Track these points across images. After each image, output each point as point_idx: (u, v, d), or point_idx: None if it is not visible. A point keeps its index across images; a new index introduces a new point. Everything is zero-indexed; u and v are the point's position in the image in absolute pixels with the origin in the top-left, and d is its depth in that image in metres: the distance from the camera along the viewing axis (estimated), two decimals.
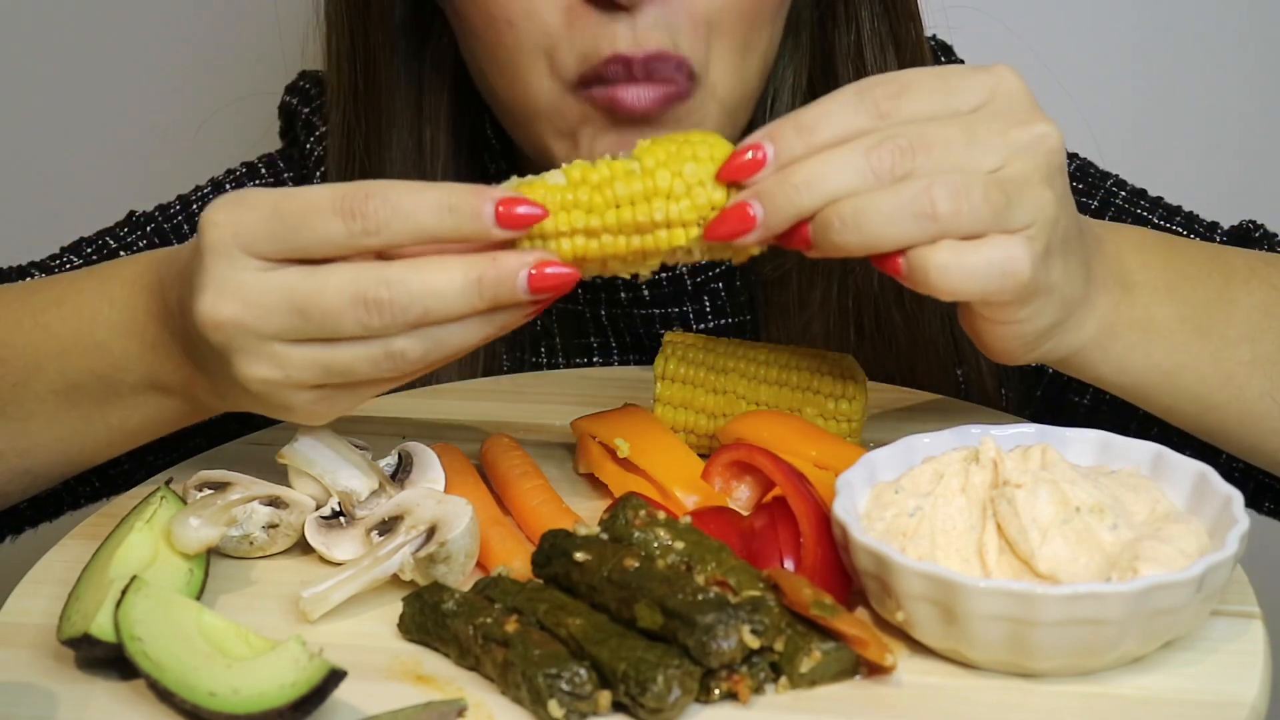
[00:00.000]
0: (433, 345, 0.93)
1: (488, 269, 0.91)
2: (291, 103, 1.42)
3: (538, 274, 0.92)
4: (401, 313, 0.91)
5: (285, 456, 1.03)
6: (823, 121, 0.92)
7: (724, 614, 0.84)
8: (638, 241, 0.93)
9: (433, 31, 1.27)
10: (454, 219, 0.91)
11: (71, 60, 1.93)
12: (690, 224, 0.93)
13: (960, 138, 0.91)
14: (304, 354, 0.94)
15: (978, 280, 0.90)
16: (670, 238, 0.93)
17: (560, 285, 0.92)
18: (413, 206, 0.91)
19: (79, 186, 1.94)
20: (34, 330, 1.08)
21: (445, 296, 0.91)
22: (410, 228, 0.91)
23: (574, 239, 0.93)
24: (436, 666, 0.90)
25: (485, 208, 0.91)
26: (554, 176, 0.94)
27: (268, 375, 0.95)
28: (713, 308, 1.33)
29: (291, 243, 0.92)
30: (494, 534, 1.00)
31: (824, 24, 1.27)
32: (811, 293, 1.28)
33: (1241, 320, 1.04)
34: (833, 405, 1.09)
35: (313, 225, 0.92)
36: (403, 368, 0.94)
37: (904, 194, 0.89)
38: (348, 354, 0.93)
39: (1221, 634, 0.89)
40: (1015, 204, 0.91)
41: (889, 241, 0.90)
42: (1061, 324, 0.97)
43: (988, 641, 0.85)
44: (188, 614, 0.89)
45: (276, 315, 0.92)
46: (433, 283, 0.91)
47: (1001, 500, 0.90)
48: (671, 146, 0.94)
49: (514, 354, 1.34)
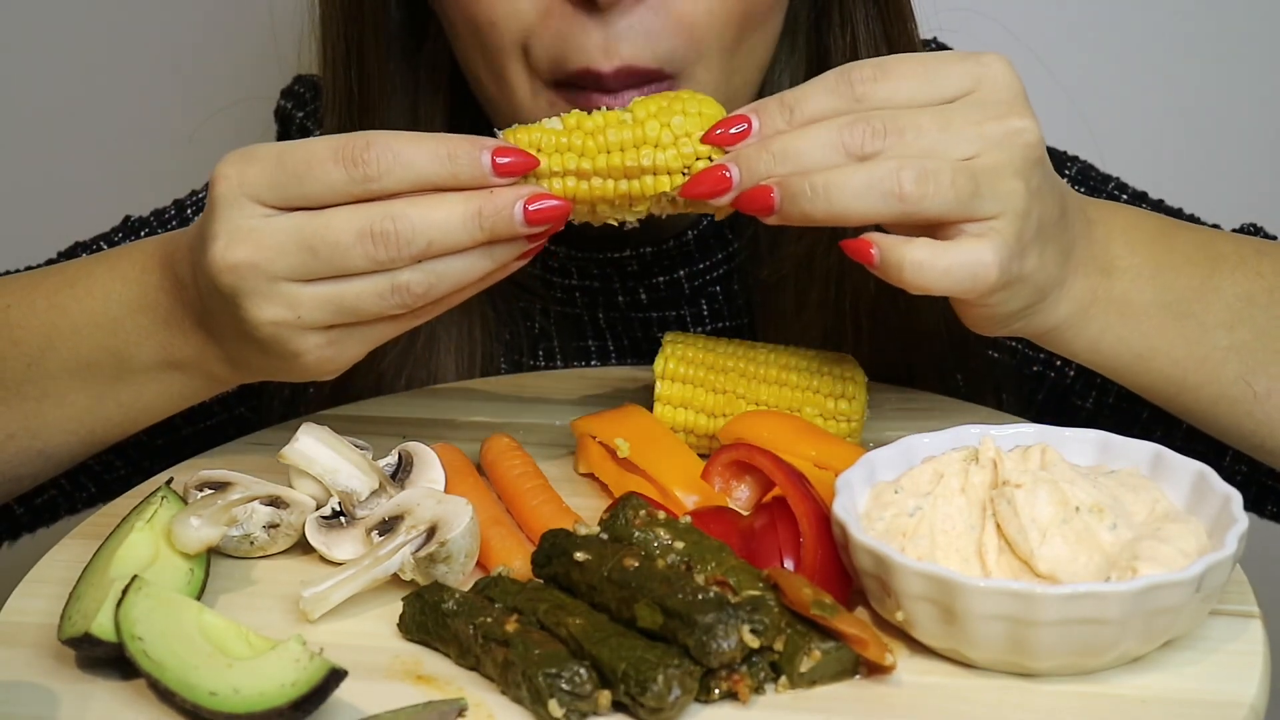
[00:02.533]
0: (436, 279, 0.98)
1: (485, 201, 0.96)
2: (286, 107, 1.42)
3: (533, 205, 0.97)
4: (407, 244, 0.96)
5: (285, 456, 1.03)
6: (803, 100, 0.98)
7: (724, 614, 0.84)
8: (625, 186, 1.00)
9: (427, 35, 1.27)
10: (452, 165, 0.96)
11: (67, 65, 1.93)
12: (675, 172, 0.99)
13: (934, 124, 0.95)
14: (314, 292, 0.97)
15: (948, 279, 0.95)
16: (655, 184, 0.99)
17: (553, 217, 0.98)
18: (412, 154, 0.96)
19: (75, 191, 1.94)
20: (48, 310, 1.10)
21: (447, 228, 0.96)
22: (410, 174, 0.96)
23: (565, 180, 0.99)
24: (436, 666, 0.90)
25: (483, 155, 0.96)
26: (552, 122, 1.01)
27: (278, 316, 0.98)
28: (710, 311, 1.33)
29: (295, 190, 0.97)
30: (494, 534, 1.00)
31: (819, 27, 1.27)
32: (809, 295, 1.28)
33: (1222, 307, 1.05)
34: (833, 405, 1.09)
35: (315, 173, 0.97)
36: (408, 302, 0.98)
37: (875, 171, 0.94)
38: (355, 288, 0.97)
39: (1221, 634, 0.89)
40: (984, 193, 0.94)
41: (855, 214, 0.95)
42: (1034, 305, 1.00)
43: (987, 641, 0.85)
44: (188, 613, 0.89)
45: (287, 254, 0.97)
46: (434, 215, 0.96)
47: (1001, 500, 0.90)
48: (663, 101, 1.01)
49: (512, 357, 1.34)
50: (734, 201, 0.98)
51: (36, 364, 1.10)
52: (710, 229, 1.31)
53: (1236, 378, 1.06)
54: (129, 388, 1.09)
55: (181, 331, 1.06)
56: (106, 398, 1.10)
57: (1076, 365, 1.30)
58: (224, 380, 1.09)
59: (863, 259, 0.96)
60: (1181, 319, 1.05)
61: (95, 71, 1.92)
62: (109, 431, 1.13)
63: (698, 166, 0.99)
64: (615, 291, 1.32)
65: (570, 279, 1.32)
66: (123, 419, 1.11)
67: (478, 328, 1.30)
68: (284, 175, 0.97)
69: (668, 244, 1.30)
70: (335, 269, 0.96)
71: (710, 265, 1.32)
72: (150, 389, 1.09)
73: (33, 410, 1.11)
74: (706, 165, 0.98)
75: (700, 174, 0.98)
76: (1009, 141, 0.95)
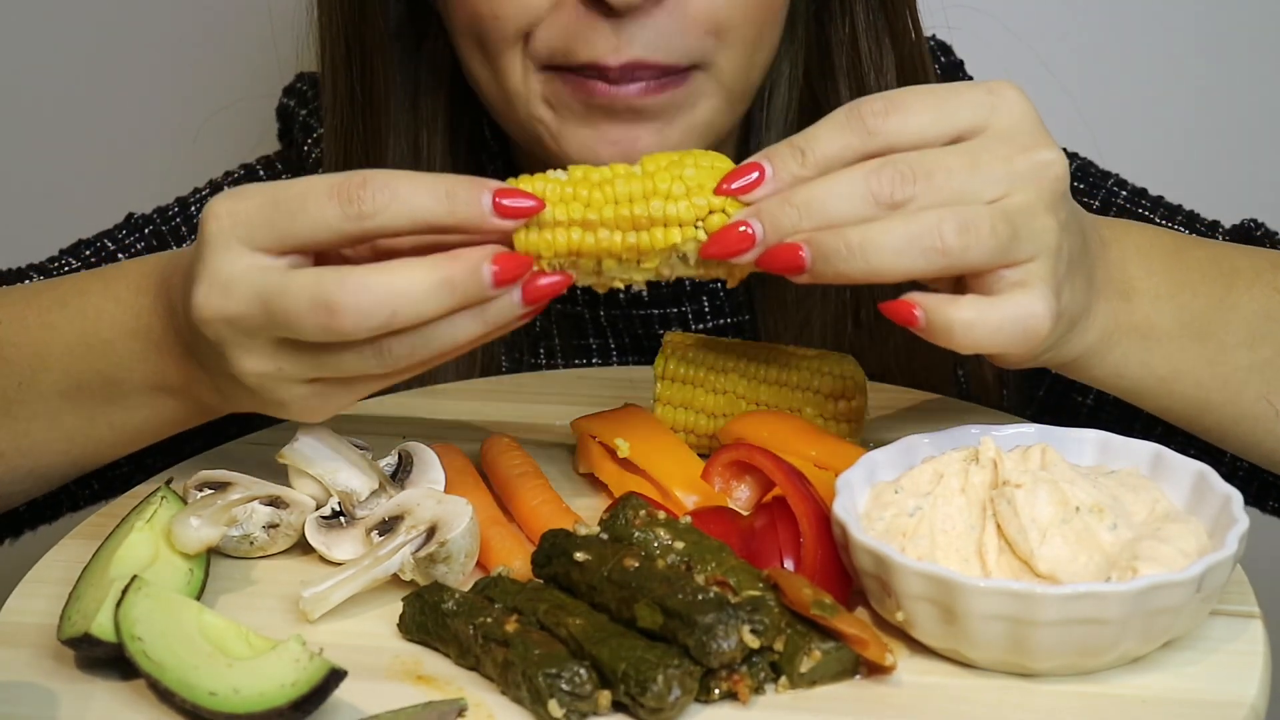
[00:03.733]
0: (420, 344, 0.92)
1: (452, 267, 0.90)
2: (289, 105, 1.41)
3: (499, 265, 0.91)
4: (365, 317, 0.90)
5: (285, 456, 1.03)
6: (814, 141, 0.92)
7: (724, 614, 0.84)
8: (633, 238, 0.93)
9: (428, 33, 1.27)
10: (450, 204, 0.91)
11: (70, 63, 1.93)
12: (687, 224, 0.93)
13: (962, 165, 0.91)
14: (293, 352, 0.94)
15: (1001, 335, 0.91)
16: (666, 236, 0.93)
17: (522, 272, 0.91)
18: (410, 191, 0.91)
19: (78, 189, 1.94)
20: (39, 330, 1.08)
21: (410, 297, 0.90)
22: (407, 211, 0.91)
23: (570, 231, 0.93)
24: (436, 666, 0.90)
25: (484, 196, 0.91)
26: (557, 173, 0.95)
27: (260, 369, 0.95)
28: (711, 307, 1.33)
29: (289, 230, 0.92)
30: (494, 534, 1.00)
31: (820, 17, 1.27)
32: (811, 291, 1.28)
33: (1241, 325, 1.04)
34: (833, 405, 1.09)
35: (309, 210, 0.92)
36: (393, 365, 0.94)
37: (914, 226, 0.89)
38: (335, 353, 0.93)
39: (1221, 634, 0.89)
40: (1021, 236, 0.90)
41: (896, 272, 0.90)
42: (1064, 336, 0.97)
43: (987, 641, 0.85)
44: (188, 614, 0.89)
45: (253, 315, 0.93)
46: (395, 284, 0.90)
47: (1001, 500, 0.90)
48: (674, 156, 0.95)
49: (512, 355, 1.34)
50: (759, 260, 0.92)
51: (28, 384, 1.08)
52: None
53: (1258, 396, 1.04)
54: (120, 410, 1.07)
55: (173, 358, 1.03)
56: (98, 419, 1.08)
57: None
58: (214, 409, 1.06)
59: (907, 322, 0.92)
60: (1202, 339, 1.02)
61: (98, 69, 1.92)
62: (100, 452, 1.11)
63: (711, 220, 0.93)
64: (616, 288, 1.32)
65: None
66: (114, 440, 1.10)
67: None
68: (277, 214, 0.92)
69: None
70: (294, 335, 0.92)
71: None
72: (141, 413, 1.07)
73: (23, 430, 1.09)
74: (722, 218, 0.93)
75: (720, 233, 0.92)
76: (1038, 176, 0.92)
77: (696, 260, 0.94)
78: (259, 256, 0.93)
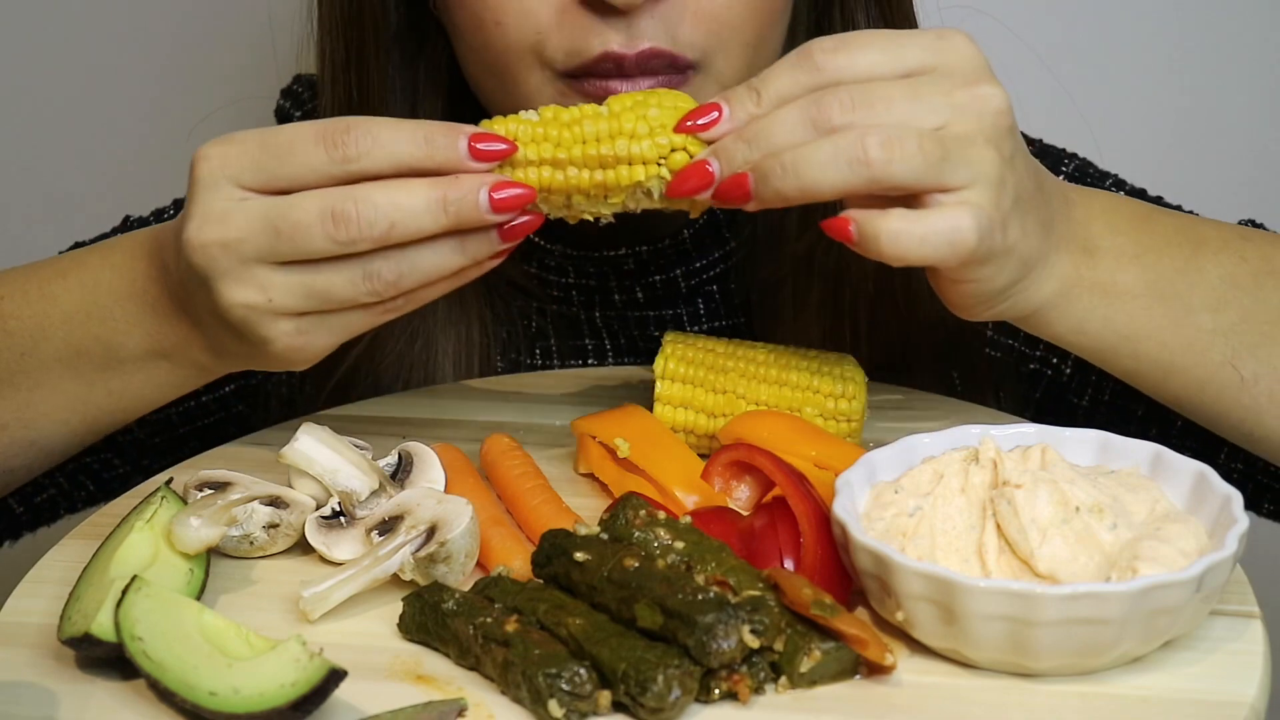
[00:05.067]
0: (407, 267, 0.99)
1: (450, 186, 0.97)
2: (285, 106, 1.42)
3: (498, 193, 0.98)
4: (368, 226, 0.96)
5: (285, 456, 1.03)
6: (768, 81, 0.98)
7: (724, 614, 0.84)
8: (600, 176, 1.00)
9: (428, 38, 1.27)
10: (429, 149, 0.98)
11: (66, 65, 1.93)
12: (650, 162, 0.99)
13: (903, 95, 0.95)
14: (285, 276, 0.99)
15: (926, 247, 0.94)
16: (631, 174, 0.99)
17: (518, 204, 0.98)
18: (391, 138, 0.97)
19: (74, 191, 1.94)
20: (40, 300, 1.12)
21: (410, 210, 0.97)
22: (387, 155, 0.97)
23: (541, 169, 1.00)
24: (436, 666, 0.90)
25: (459, 141, 0.98)
26: (528, 114, 1.01)
27: (249, 300, 0.99)
28: (707, 310, 1.33)
29: (276, 171, 0.98)
30: (494, 534, 1.00)
31: (820, 25, 1.27)
32: (809, 295, 1.28)
33: (1206, 290, 1.05)
34: (833, 405, 1.09)
35: (295, 154, 0.98)
36: (379, 290, 0.99)
37: (839, 142, 0.94)
38: (326, 274, 0.98)
39: (1221, 634, 0.89)
40: (954, 159, 0.94)
41: (824, 186, 0.94)
42: (1019, 282, 0.99)
43: (987, 641, 0.85)
44: (188, 614, 0.89)
45: (254, 235, 0.98)
46: (397, 198, 0.97)
47: (1001, 500, 0.90)
48: (639, 96, 1.02)
49: (508, 356, 1.34)
50: (713, 194, 0.98)
51: (30, 353, 1.12)
52: (707, 228, 1.31)
53: (1223, 361, 1.05)
54: (118, 376, 1.11)
55: (167, 319, 1.07)
56: (97, 386, 1.11)
57: (1072, 363, 1.29)
58: (208, 369, 1.10)
59: (842, 236, 0.96)
60: (1166, 300, 1.04)
61: (95, 71, 1.92)
62: (100, 421, 1.14)
63: (673, 159, 0.99)
64: (612, 290, 1.32)
65: (567, 277, 1.32)
66: (113, 408, 1.13)
67: (475, 329, 1.30)
68: (265, 156, 0.98)
69: (664, 242, 1.30)
70: (299, 251, 0.97)
71: (707, 264, 1.32)
72: (138, 377, 1.11)
73: (25, 400, 1.12)
74: (684, 156, 0.99)
75: (683, 171, 0.98)
76: (978, 108, 0.95)
77: (660, 196, 1.00)
78: (247, 194, 0.99)
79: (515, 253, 1.32)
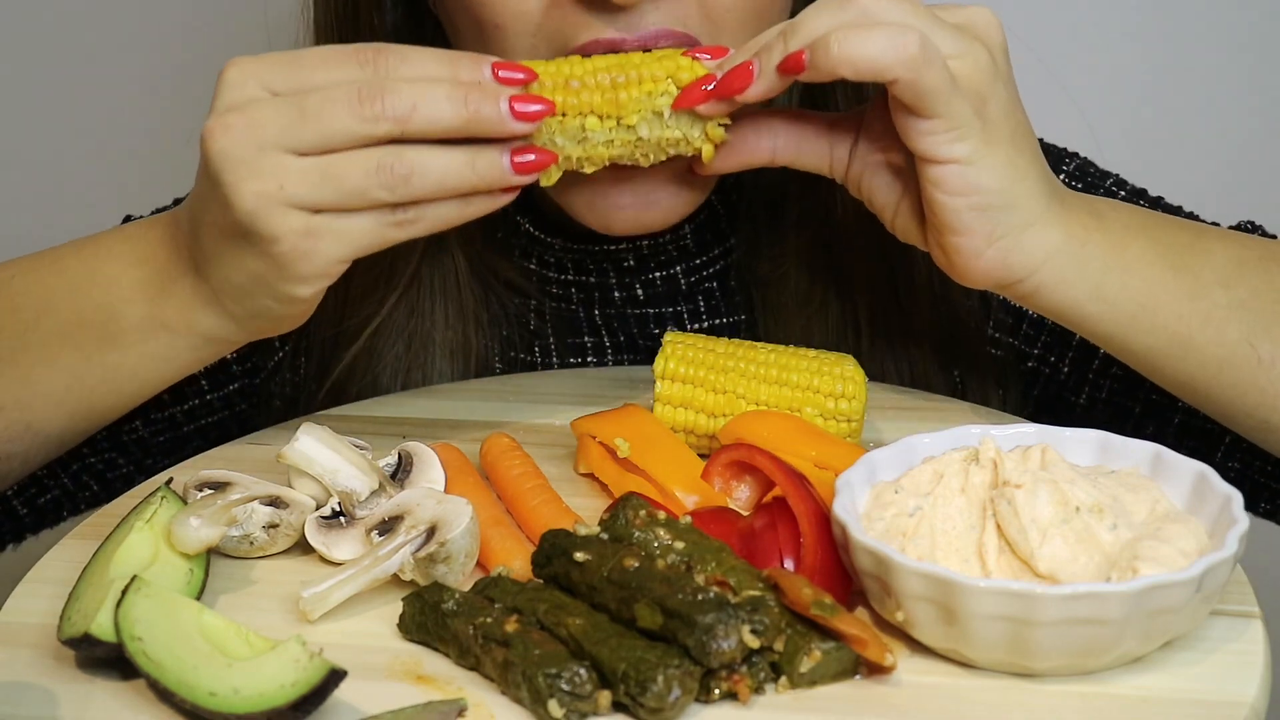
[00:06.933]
0: (420, 165, 1.00)
1: (473, 87, 1.01)
2: None
3: (518, 104, 1.02)
4: (392, 106, 0.99)
5: (285, 456, 1.03)
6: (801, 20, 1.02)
7: (724, 614, 0.84)
8: (613, 95, 1.05)
9: (424, 36, 1.27)
10: (454, 68, 1.02)
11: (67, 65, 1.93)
12: (660, 79, 1.05)
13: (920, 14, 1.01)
14: (300, 162, 0.99)
15: (870, 46, 0.98)
16: (641, 88, 1.05)
17: (535, 116, 1.02)
18: (419, 58, 1.02)
19: (75, 191, 1.94)
20: (49, 273, 1.14)
21: (434, 97, 1.00)
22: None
23: (555, 92, 1.05)
24: (436, 666, 0.90)
25: (484, 65, 1.03)
26: None
27: (262, 188, 0.99)
28: (707, 308, 1.33)
29: (306, 79, 1.01)
30: (494, 534, 1.00)
31: None
32: (810, 291, 1.28)
33: (1217, 265, 1.05)
34: (833, 405, 1.09)
35: (329, 66, 1.01)
36: (391, 183, 1.00)
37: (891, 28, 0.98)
38: (341, 159, 0.99)
39: (1221, 634, 0.89)
40: (940, 31, 0.99)
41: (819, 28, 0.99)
42: (1022, 228, 1.01)
43: (988, 641, 0.85)
44: (188, 614, 0.89)
45: (276, 116, 0.99)
46: (422, 86, 1.00)
47: (1001, 500, 0.90)
48: None
49: (507, 354, 1.33)
50: (716, 89, 1.04)
51: (32, 328, 1.12)
52: (708, 225, 1.31)
53: (1240, 339, 1.05)
54: (116, 349, 1.10)
55: (173, 281, 1.08)
56: (94, 360, 1.11)
57: (1070, 361, 1.29)
58: (208, 339, 1.09)
59: (794, 64, 1.00)
60: (1179, 271, 1.04)
61: (95, 71, 1.93)
62: (95, 405, 1.14)
63: (680, 76, 1.05)
64: (611, 287, 1.32)
65: (566, 274, 1.32)
66: (109, 389, 1.12)
67: (473, 329, 1.30)
68: (296, 68, 1.01)
69: (664, 239, 1.30)
70: (322, 130, 0.99)
71: (707, 261, 1.32)
72: (135, 350, 1.10)
73: (22, 379, 1.12)
74: (691, 74, 1.04)
75: (729, 73, 1.03)
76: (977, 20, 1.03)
77: (671, 114, 1.06)
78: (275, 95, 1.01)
79: (514, 250, 1.33)
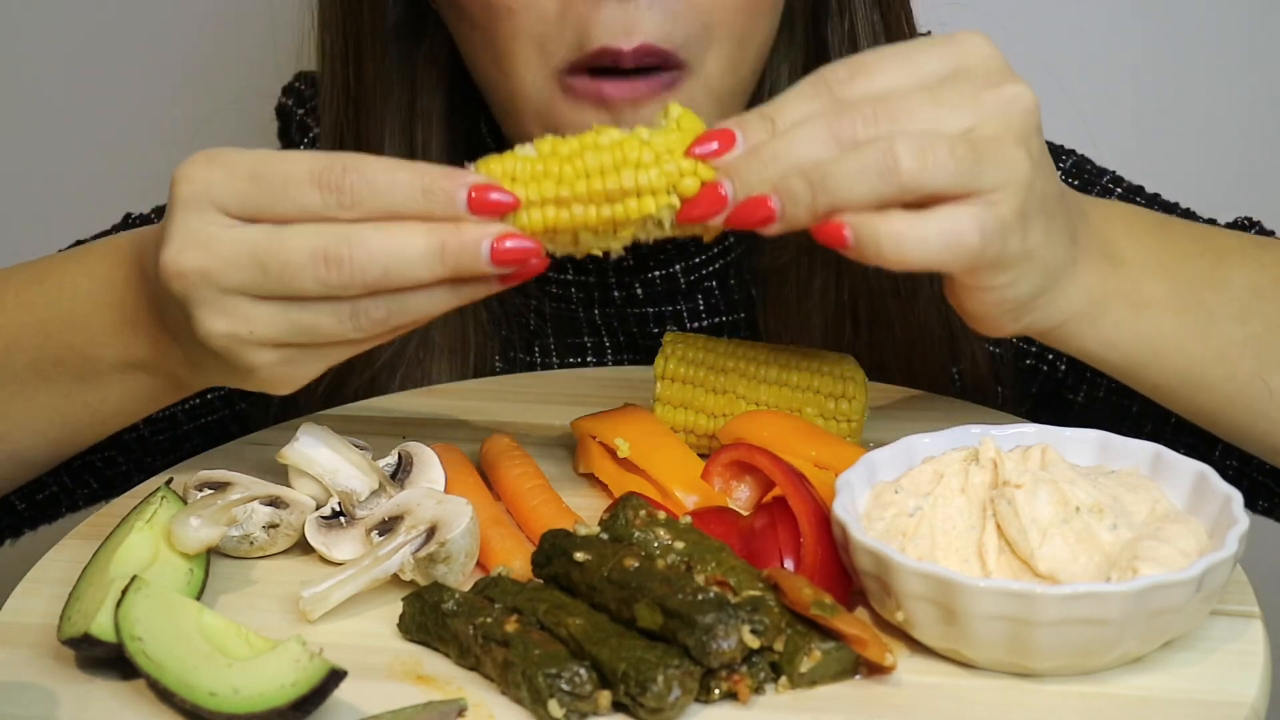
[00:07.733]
0: (397, 307, 0.93)
1: (450, 236, 0.91)
2: (287, 104, 1.42)
3: (499, 246, 0.91)
4: (361, 272, 0.90)
5: (285, 456, 1.03)
6: (783, 109, 0.92)
7: (724, 614, 0.84)
8: (608, 211, 0.93)
9: (426, 32, 1.27)
10: (427, 201, 0.91)
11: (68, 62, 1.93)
12: (660, 191, 0.93)
13: (925, 103, 0.91)
14: (268, 309, 0.93)
15: (928, 249, 0.89)
16: (640, 206, 0.93)
17: (523, 258, 0.92)
18: (388, 185, 0.91)
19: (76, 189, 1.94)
20: (16, 308, 1.09)
21: (406, 258, 0.91)
22: (384, 204, 0.91)
23: (544, 209, 0.93)
24: (436, 666, 0.90)
25: (459, 193, 0.91)
26: (525, 149, 0.95)
27: (230, 330, 0.94)
28: (707, 306, 1.33)
29: (265, 205, 0.93)
30: (494, 534, 1.00)
31: (817, 17, 1.27)
32: (809, 286, 1.28)
33: (1232, 300, 1.03)
34: (833, 405, 1.09)
35: (289, 193, 0.92)
36: (367, 329, 0.94)
37: (867, 154, 0.89)
38: (312, 311, 0.93)
39: (1221, 634, 0.89)
40: (986, 163, 0.89)
41: (856, 200, 0.89)
42: (1045, 292, 0.96)
43: (988, 641, 0.85)
44: (188, 614, 0.89)
45: (239, 267, 0.92)
46: (394, 244, 0.91)
47: (1001, 500, 0.90)
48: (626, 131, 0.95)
49: (506, 354, 1.33)
50: (728, 219, 0.92)
51: (3, 365, 1.08)
52: None
53: (1252, 374, 1.03)
54: (94, 389, 1.07)
55: (145, 329, 1.03)
56: (73, 397, 1.08)
57: (1067, 359, 1.29)
58: (186, 383, 1.06)
59: (836, 242, 0.91)
60: (1194, 311, 1.02)
61: (96, 68, 1.92)
62: (79, 433, 1.11)
63: (684, 185, 0.92)
64: (610, 287, 1.32)
65: (565, 274, 1.32)
66: (91, 420, 1.09)
67: (471, 329, 1.30)
68: (255, 190, 0.93)
69: None
70: (287, 289, 0.92)
71: (707, 259, 1.32)
72: (115, 390, 1.07)
73: (1, 411, 1.10)
74: (694, 181, 0.92)
75: (696, 197, 0.92)
76: (1006, 109, 0.91)
77: (672, 224, 0.94)
78: (232, 221, 0.93)
79: None
